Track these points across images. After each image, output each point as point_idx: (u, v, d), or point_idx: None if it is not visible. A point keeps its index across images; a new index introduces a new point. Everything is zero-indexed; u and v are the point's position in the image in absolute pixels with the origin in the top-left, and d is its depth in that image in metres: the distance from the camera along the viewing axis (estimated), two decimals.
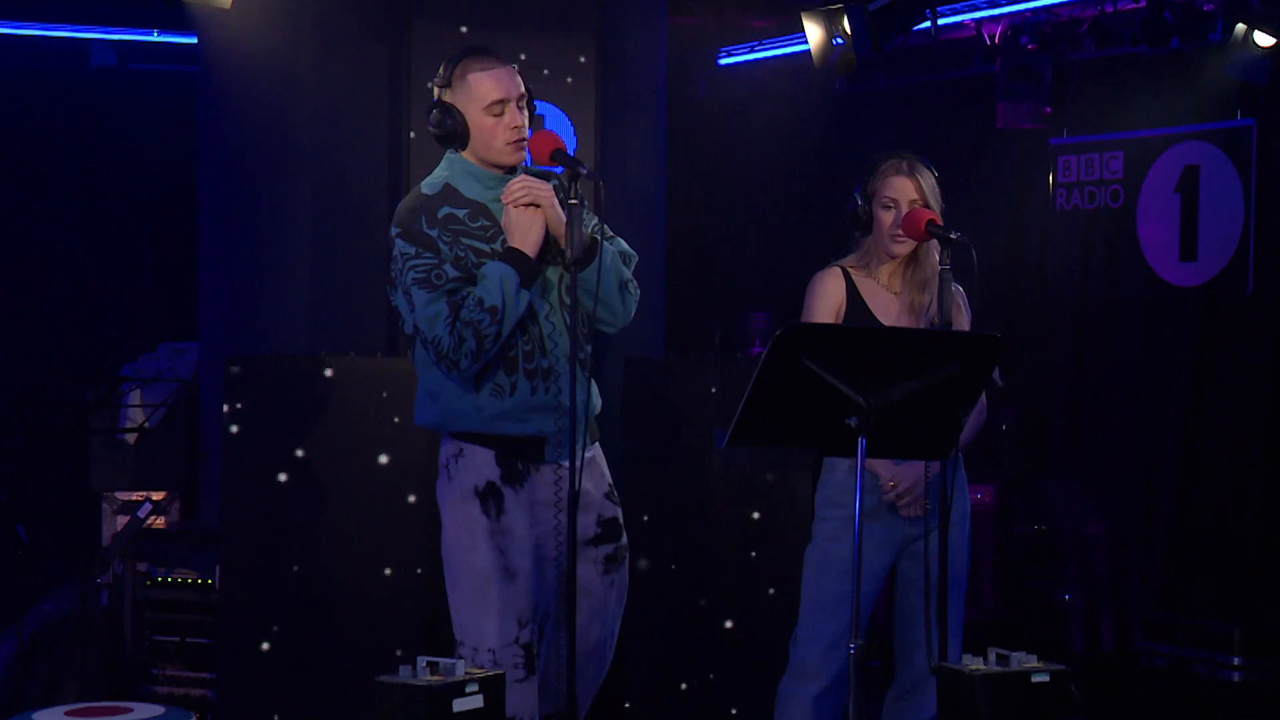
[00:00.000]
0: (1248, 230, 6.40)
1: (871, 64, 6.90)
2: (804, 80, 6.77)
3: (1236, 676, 5.84)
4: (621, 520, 3.92)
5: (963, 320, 4.19)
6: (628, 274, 3.83)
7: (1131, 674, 6.26)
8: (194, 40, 6.30)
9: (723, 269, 8.09)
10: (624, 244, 3.88)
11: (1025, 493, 6.85)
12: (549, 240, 3.73)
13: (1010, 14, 6.73)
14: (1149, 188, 6.75)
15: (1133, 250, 6.79)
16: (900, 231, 4.08)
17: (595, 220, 3.81)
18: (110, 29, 7.39)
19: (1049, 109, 6.89)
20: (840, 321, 4.17)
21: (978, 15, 6.77)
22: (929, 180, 4.11)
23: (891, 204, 4.10)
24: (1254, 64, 6.12)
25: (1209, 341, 6.56)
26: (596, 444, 3.90)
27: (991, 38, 6.94)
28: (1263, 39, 6.06)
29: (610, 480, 3.91)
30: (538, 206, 3.68)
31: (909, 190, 4.08)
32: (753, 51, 7.45)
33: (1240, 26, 6.06)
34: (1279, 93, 6.29)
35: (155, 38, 7.33)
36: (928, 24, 5.74)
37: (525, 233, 3.68)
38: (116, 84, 7.67)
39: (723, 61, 7.68)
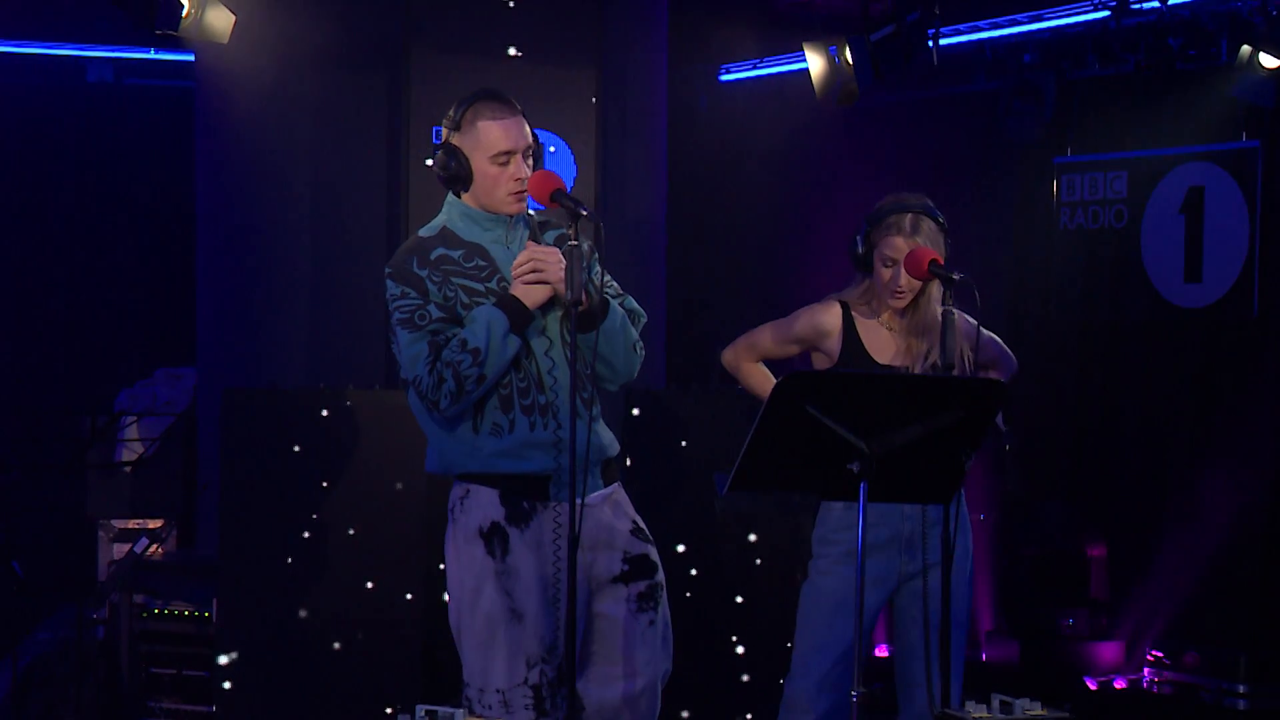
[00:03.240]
0: (1253, 252, 6.36)
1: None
2: (806, 96, 6.71)
3: (1242, 704, 5.82)
4: (655, 558, 3.86)
5: (966, 346, 4.14)
6: (635, 334, 3.81)
7: (1136, 701, 6.23)
8: (191, 58, 6.26)
9: (723, 288, 8.04)
10: (634, 302, 3.86)
11: (1028, 515, 6.81)
12: None
13: (1012, 35, 6.67)
14: (1153, 208, 6.70)
15: (1137, 271, 6.74)
16: (900, 289, 4.05)
17: (607, 277, 3.80)
18: (108, 47, 7.34)
19: (1053, 127, 6.84)
20: (819, 354, 4.15)
21: (980, 36, 6.72)
22: (930, 233, 4.07)
23: (891, 263, 4.07)
24: (1259, 85, 6.06)
25: (1214, 364, 6.52)
26: (618, 484, 3.86)
27: (995, 53, 6.89)
28: (1268, 60, 6.00)
29: (637, 518, 3.86)
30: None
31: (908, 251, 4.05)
32: (755, 69, 7.40)
33: (1245, 48, 5.99)
34: None
35: (152, 55, 7.28)
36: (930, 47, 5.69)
37: (528, 288, 3.67)
38: (113, 99, 7.62)
39: (724, 78, 7.63)
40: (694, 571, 5.17)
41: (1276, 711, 5.82)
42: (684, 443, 5.17)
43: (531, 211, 3.85)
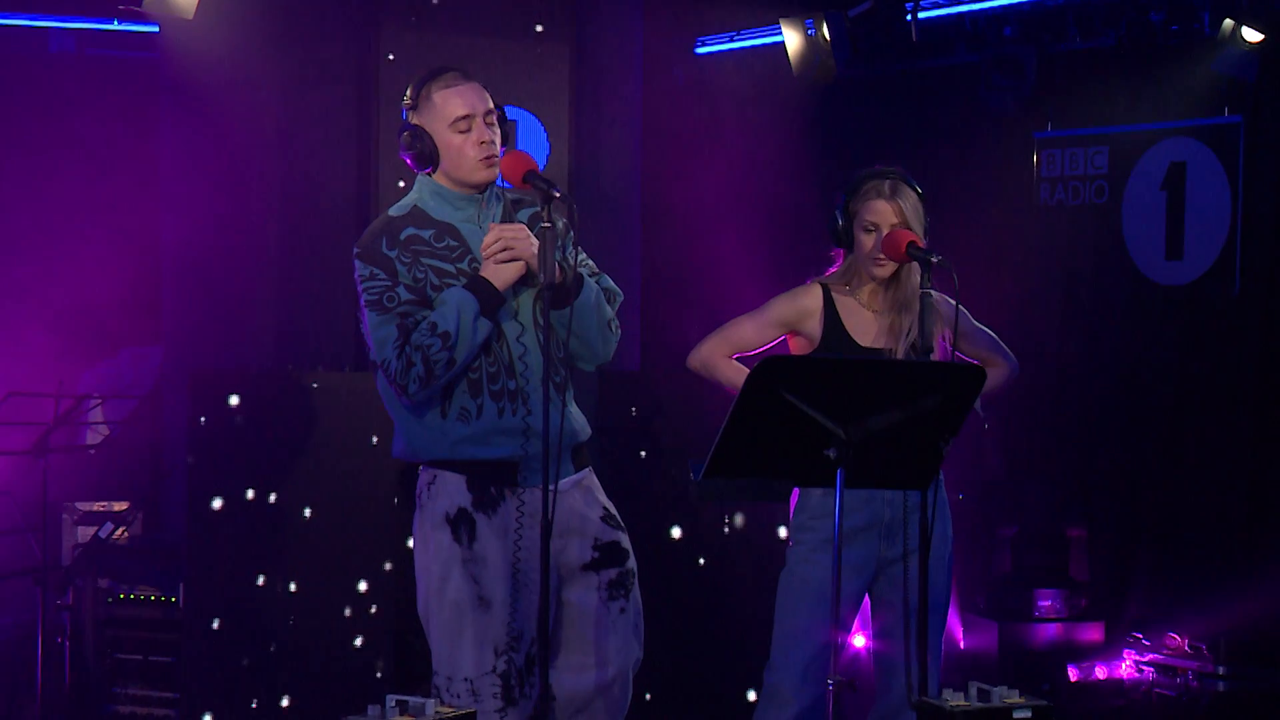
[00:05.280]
0: (1235, 229, 6.31)
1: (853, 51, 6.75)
2: (783, 69, 6.64)
3: (1222, 686, 5.79)
4: (626, 544, 3.84)
5: (946, 329, 4.09)
6: (610, 313, 3.78)
7: (1116, 683, 6.20)
8: (155, 29, 6.15)
9: (699, 266, 7.95)
10: (610, 281, 3.84)
11: (1007, 494, 6.77)
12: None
13: (992, 8, 6.59)
14: (1134, 184, 6.66)
15: (1118, 248, 6.70)
16: (881, 255, 3.99)
17: (583, 255, 3.77)
18: (69, 17, 7.20)
19: (1033, 101, 6.76)
20: (800, 337, 4.11)
21: (959, 10, 6.63)
22: (911, 201, 4.01)
23: (872, 228, 4.01)
24: (1241, 60, 6.01)
25: (1195, 342, 6.48)
26: (589, 469, 3.84)
27: (975, 25, 6.81)
28: (1250, 34, 5.96)
29: (608, 504, 3.84)
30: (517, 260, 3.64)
31: (890, 214, 3.99)
32: (731, 41, 7.31)
33: (1228, 22, 5.95)
34: (1266, 89, 6.19)
35: (115, 26, 7.15)
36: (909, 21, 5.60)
37: (499, 268, 3.63)
38: (75, 70, 7.47)
39: (700, 51, 7.54)
40: (672, 560, 5.12)
41: (1256, 693, 5.80)
42: (658, 426, 5.11)
43: (504, 189, 3.79)
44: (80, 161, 7.60)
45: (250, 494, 4.88)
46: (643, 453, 5.15)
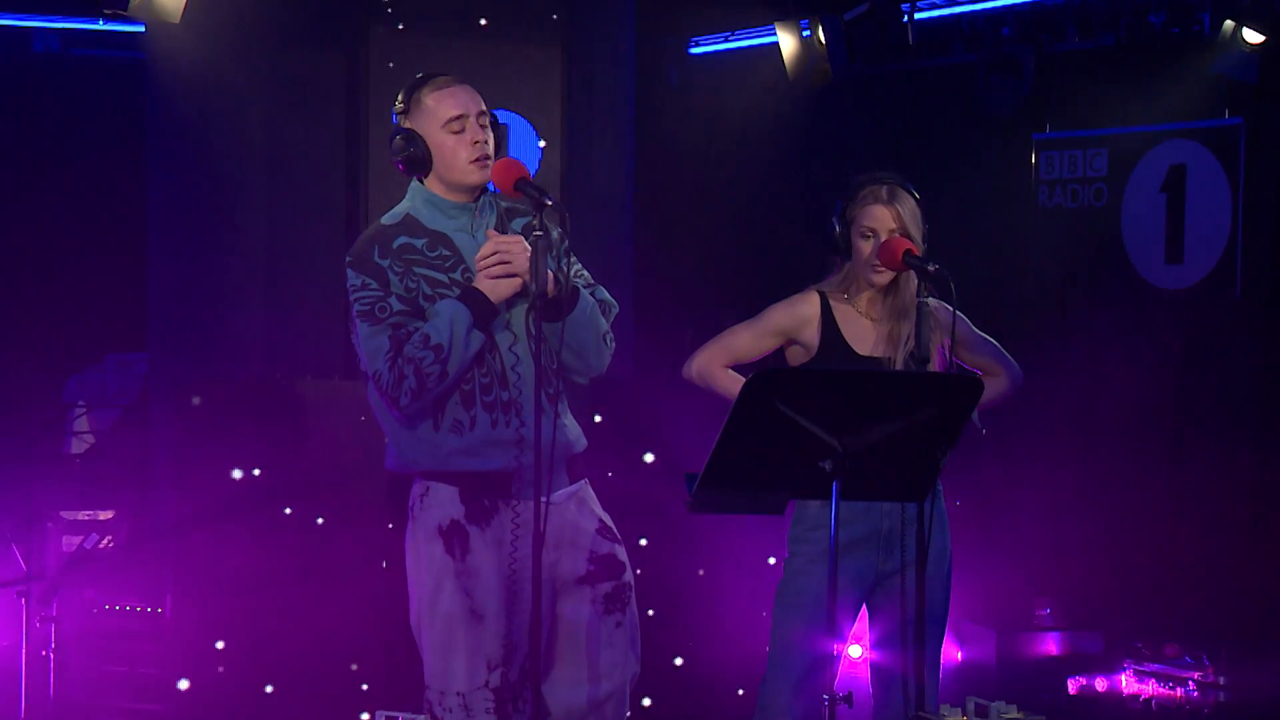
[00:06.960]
0: (1236, 233, 6.28)
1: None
2: (778, 69, 6.59)
3: (1223, 696, 5.76)
4: (623, 557, 3.80)
5: (945, 338, 4.04)
6: (605, 325, 3.74)
7: (1115, 692, 6.16)
8: (141, 29, 6.10)
9: (694, 270, 7.92)
10: (605, 292, 3.80)
11: (1005, 501, 6.73)
12: None
13: (990, 8, 6.56)
14: (1134, 187, 6.63)
15: (1117, 251, 6.67)
16: (879, 263, 3.93)
17: (578, 265, 3.74)
18: (54, 17, 7.15)
19: (1031, 102, 6.72)
20: (797, 346, 4.06)
21: (956, 10, 6.59)
22: (909, 207, 3.96)
23: (870, 234, 3.96)
24: (1242, 61, 5.99)
25: (1196, 347, 6.45)
26: (584, 481, 3.80)
27: (973, 25, 6.77)
28: (1251, 35, 5.92)
29: (604, 516, 3.80)
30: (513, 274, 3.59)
31: (887, 220, 3.94)
32: (726, 41, 7.28)
33: (1228, 23, 5.91)
34: (1268, 91, 6.15)
35: (100, 25, 7.10)
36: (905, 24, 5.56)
37: (494, 282, 3.59)
38: (60, 70, 7.41)
39: (694, 51, 7.51)
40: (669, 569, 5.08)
41: (1257, 703, 5.78)
42: (653, 434, 5.06)
43: (496, 193, 3.74)
44: (64, 162, 7.54)
45: (237, 503, 4.83)
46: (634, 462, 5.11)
